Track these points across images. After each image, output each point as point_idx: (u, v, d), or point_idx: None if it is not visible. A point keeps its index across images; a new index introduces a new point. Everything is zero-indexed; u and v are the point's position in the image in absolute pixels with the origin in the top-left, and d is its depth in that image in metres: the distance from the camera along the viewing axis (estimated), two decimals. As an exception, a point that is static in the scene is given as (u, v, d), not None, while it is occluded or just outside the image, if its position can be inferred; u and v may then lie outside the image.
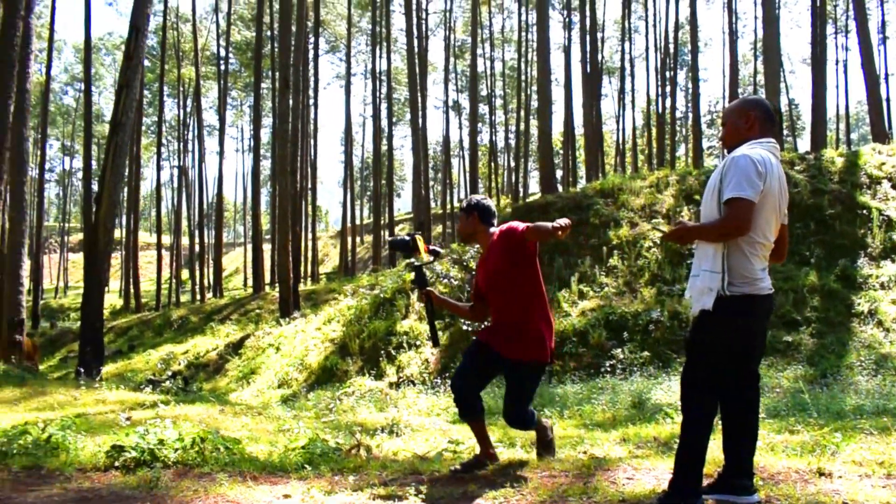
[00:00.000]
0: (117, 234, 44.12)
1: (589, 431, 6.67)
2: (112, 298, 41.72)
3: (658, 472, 4.15)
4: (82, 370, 11.71)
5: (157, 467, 4.61)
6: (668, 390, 8.62)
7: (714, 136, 60.44)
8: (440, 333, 13.75)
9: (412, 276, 4.87)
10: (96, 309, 13.11)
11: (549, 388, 9.83)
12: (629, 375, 10.28)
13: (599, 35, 39.56)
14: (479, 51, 41.52)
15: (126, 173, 23.08)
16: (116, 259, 54.91)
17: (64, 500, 4.16)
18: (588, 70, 34.21)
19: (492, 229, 4.48)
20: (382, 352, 13.96)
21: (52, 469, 4.94)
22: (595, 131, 34.36)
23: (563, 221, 3.69)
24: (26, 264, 16.16)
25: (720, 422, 3.53)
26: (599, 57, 38.41)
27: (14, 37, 12.55)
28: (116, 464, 4.83)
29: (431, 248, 4.79)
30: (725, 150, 3.53)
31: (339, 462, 4.76)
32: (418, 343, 14.04)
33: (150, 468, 4.66)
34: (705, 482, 3.47)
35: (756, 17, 46.35)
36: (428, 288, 4.62)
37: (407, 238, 4.72)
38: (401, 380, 13.02)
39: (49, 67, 33.54)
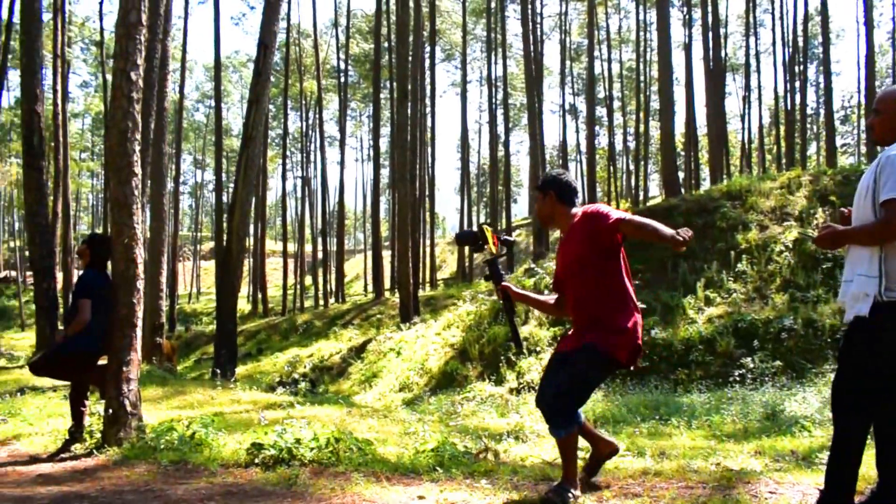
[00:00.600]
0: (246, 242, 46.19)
1: (720, 443, 6.44)
2: (241, 303, 43.62)
3: (803, 487, 3.96)
4: (218, 371, 12.30)
5: (295, 465, 4.79)
6: (803, 402, 8.19)
7: (848, 133, 57.08)
8: (559, 338, 13.61)
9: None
10: (230, 314, 13.76)
11: (675, 398, 9.55)
12: (760, 386, 9.84)
13: (722, 31, 38.15)
14: (596, 53, 40.89)
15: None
16: (245, 266, 57.36)
17: (210, 493, 4.38)
18: (711, 67, 33.06)
19: (573, 210, 4.01)
20: (502, 357, 13.94)
21: (198, 464, 5.21)
22: (719, 131, 33.12)
23: (687, 233, 3.32)
24: (165, 272, 17.17)
25: (873, 435, 3.32)
26: (722, 53, 37.02)
27: (154, 59, 13.37)
28: (256, 461, 5.05)
29: (503, 237, 4.36)
30: (878, 146, 3.29)
31: (469, 466, 4.79)
32: (538, 349, 13.94)
33: (289, 466, 4.84)
34: (857, 499, 3.28)
35: (895, 4, 43.60)
36: (504, 283, 4.19)
37: (474, 230, 4.34)
38: (521, 385, 12.97)
39: (182, 86, 35.61)
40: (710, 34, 33.42)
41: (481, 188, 63.89)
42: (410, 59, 24.82)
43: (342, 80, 40.18)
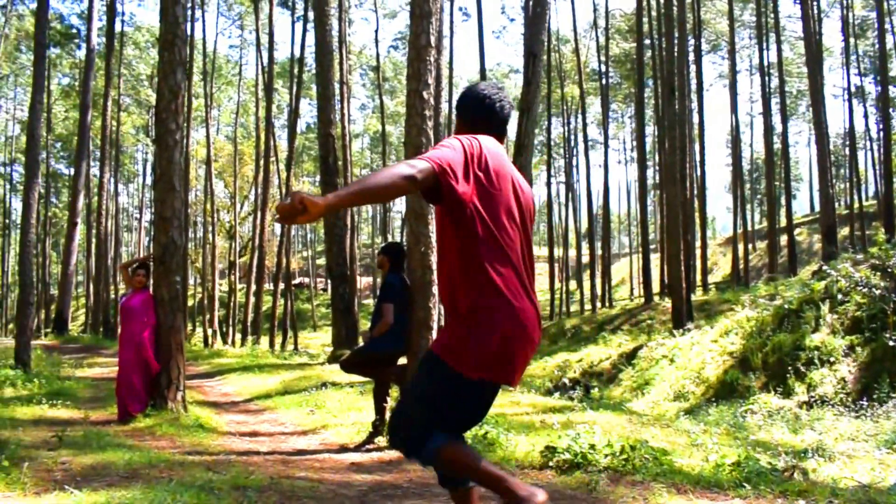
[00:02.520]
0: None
1: None
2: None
3: None
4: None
5: (591, 471, 4.77)
6: None
7: None
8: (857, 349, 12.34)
9: None
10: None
11: None
12: None
13: None
14: (887, 25, 36.55)
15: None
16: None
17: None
18: None
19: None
20: (790, 367, 12.90)
21: (493, 463, 5.39)
22: None
23: None
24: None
25: None
26: None
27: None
28: (550, 463, 5.11)
29: None
30: None
31: (778, 484, 4.46)
32: (832, 359, 12.71)
33: (585, 471, 4.84)
34: None
35: None
36: None
37: None
38: (812, 399, 11.93)
39: (450, 101, 37.39)
40: None
41: (755, 184, 59.92)
42: (676, 53, 23.94)
43: (603, 82, 39.85)
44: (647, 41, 35.06)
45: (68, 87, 45.80)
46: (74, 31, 40.79)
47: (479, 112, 2.93)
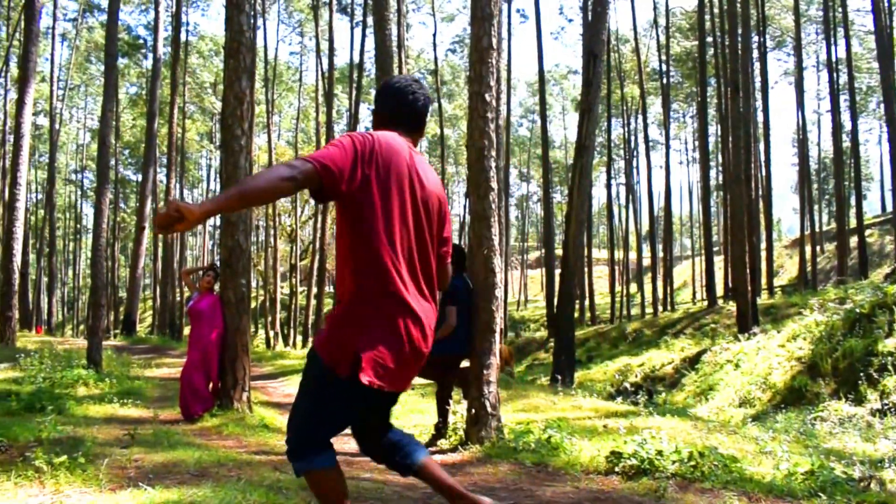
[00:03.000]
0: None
1: None
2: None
3: None
4: (559, 377, 12.59)
5: (659, 477, 4.68)
6: None
7: None
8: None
9: None
10: (569, 321, 14.04)
11: None
12: None
13: None
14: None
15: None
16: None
17: (578, 498, 4.44)
18: None
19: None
20: (861, 374, 12.47)
21: (557, 467, 5.34)
22: None
23: None
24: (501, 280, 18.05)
25: None
26: None
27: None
28: (616, 469, 5.04)
29: None
30: None
31: (855, 494, 4.31)
32: (917, 364, 12.25)
33: (652, 478, 4.75)
34: None
35: None
36: None
37: None
38: (885, 407, 11.51)
39: (508, 103, 37.33)
40: None
41: (822, 185, 58.22)
42: (739, 51, 23.39)
43: (664, 81, 39.23)
44: (710, 39, 34.37)
45: (135, 96, 47.26)
46: (141, 41, 42.12)
47: (394, 105, 2.88)
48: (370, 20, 27.86)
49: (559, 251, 44.25)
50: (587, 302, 38.67)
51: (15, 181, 17.43)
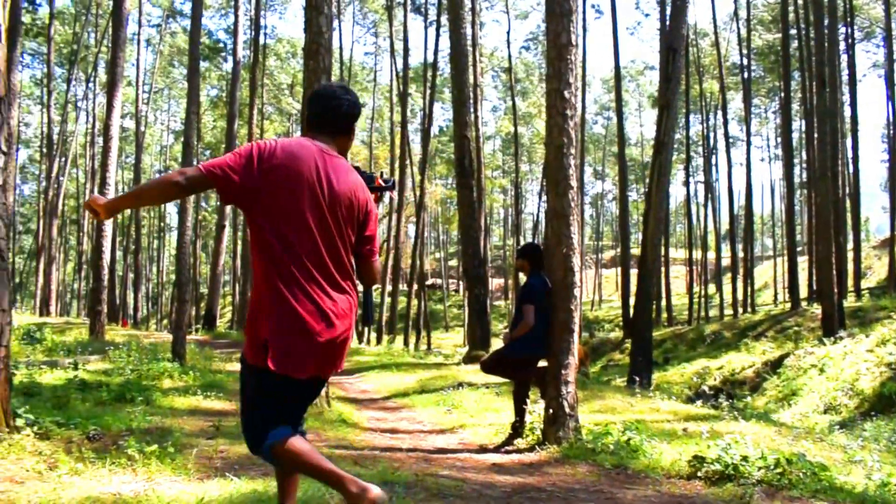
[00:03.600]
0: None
1: None
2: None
3: None
4: (637, 378, 12.38)
5: (745, 484, 4.55)
6: None
7: None
8: None
9: None
10: (647, 321, 13.78)
11: None
12: None
13: None
14: None
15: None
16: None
17: (660, 502, 4.36)
18: None
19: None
20: (959, 381, 11.91)
21: (637, 470, 5.25)
22: None
23: None
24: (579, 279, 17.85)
25: None
26: None
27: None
28: (699, 474, 4.92)
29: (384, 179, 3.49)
30: None
31: (956, 506, 4.10)
32: None
33: (736, 484, 4.63)
34: None
35: None
36: None
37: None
38: None
39: (583, 101, 36.94)
40: None
41: (915, 182, 55.64)
42: (826, 42, 22.54)
43: (744, 75, 38.12)
44: (793, 31, 33.24)
45: (216, 98, 48.63)
46: (221, 45, 43.28)
47: (320, 110, 3.06)
48: (444, 19, 27.99)
49: (634, 250, 43.55)
50: (664, 302, 37.92)
51: (104, 181, 18.15)
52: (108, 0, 38.11)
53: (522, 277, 7.17)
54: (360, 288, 3.08)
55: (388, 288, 33.31)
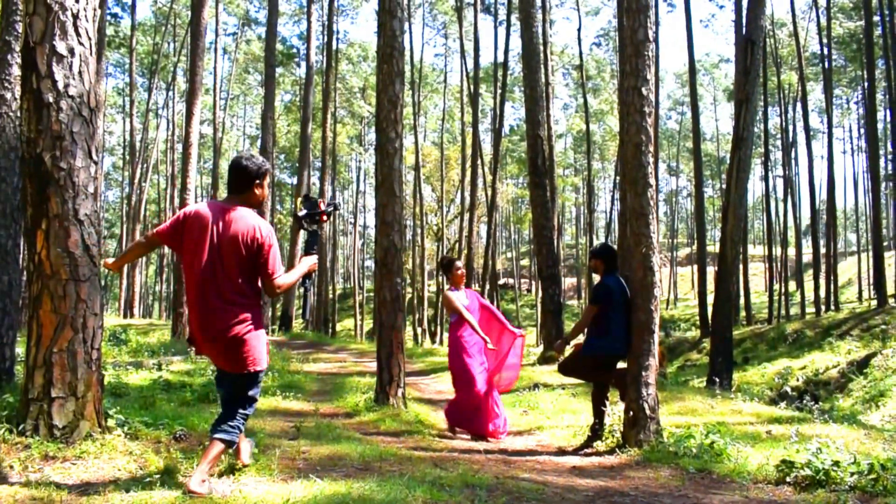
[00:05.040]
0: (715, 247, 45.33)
1: None
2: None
3: None
4: (716, 380, 12.09)
5: (837, 490, 4.40)
6: None
7: None
8: None
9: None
10: (727, 321, 13.43)
11: None
12: None
13: None
14: None
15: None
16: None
17: (748, 508, 4.25)
18: None
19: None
20: None
21: (722, 475, 5.12)
22: None
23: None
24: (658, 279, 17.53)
25: None
26: None
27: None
28: (787, 479, 4.79)
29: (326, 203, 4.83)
30: None
31: None
32: None
33: (828, 490, 4.48)
34: None
35: None
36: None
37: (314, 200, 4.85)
38: None
39: (657, 96, 36.17)
40: None
41: None
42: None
43: (825, 65, 36.77)
44: (877, 17, 31.88)
45: (290, 103, 49.63)
46: (294, 51, 44.16)
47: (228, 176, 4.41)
48: (514, 18, 27.90)
49: (711, 247, 42.55)
50: (742, 300, 36.89)
51: (185, 186, 18.73)
52: (186, 11, 39.29)
53: (595, 277, 7.07)
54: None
55: (461, 288, 33.33)
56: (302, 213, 4.79)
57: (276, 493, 3.96)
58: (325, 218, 4.75)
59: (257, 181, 4.21)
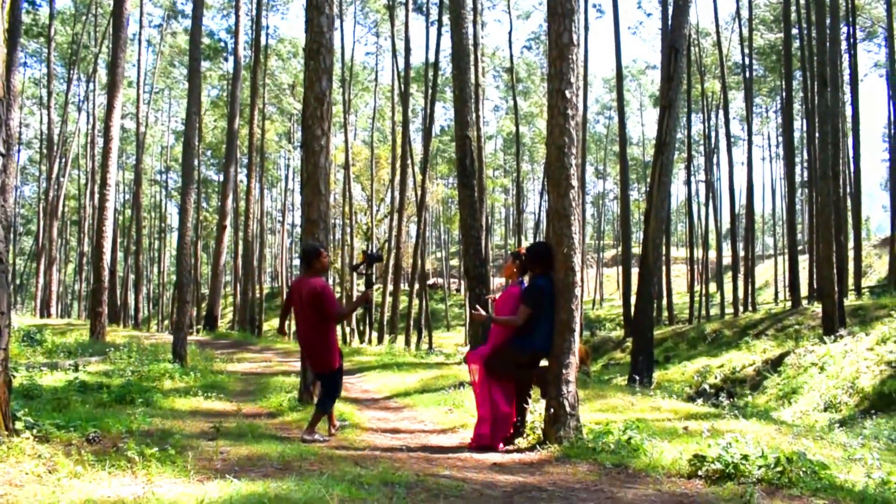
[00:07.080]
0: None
1: None
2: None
3: None
4: (637, 378, 12.37)
5: (745, 482, 4.56)
6: None
7: None
8: None
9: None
10: (648, 321, 13.76)
11: None
12: None
13: None
14: None
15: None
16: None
17: (661, 501, 4.36)
18: None
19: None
20: (961, 379, 11.90)
21: (638, 469, 5.25)
22: None
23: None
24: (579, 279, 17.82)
25: None
26: None
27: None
28: (700, 472, 4.92)
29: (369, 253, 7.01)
30: None
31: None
32: None
33: (737, 482, 4.63)
34: None
35: None
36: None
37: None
38: None
39: (585, 100, 36.79)
40: None
41: (916, 182, 55.59)
42: (828, 42, 22.49)
43: (746, 75, 38.09)
44: (795, 30, 33.21)
45: (217, 99, 48.63)
46: (222, 45, 43.27)
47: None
48: (446, 19, 27.97)
49: (636, 249, 43.51)
50: (665, 301, 37.90)
51: (104, 182, 18.17)
52: (108, 0, 38.09)
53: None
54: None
55: (389, 287, 33.31)
56: (358, 264, 7.18)
57: (190, 493, 3.87)
58: (368, 265, 6.95)
59: (315, 258, 6.78)
